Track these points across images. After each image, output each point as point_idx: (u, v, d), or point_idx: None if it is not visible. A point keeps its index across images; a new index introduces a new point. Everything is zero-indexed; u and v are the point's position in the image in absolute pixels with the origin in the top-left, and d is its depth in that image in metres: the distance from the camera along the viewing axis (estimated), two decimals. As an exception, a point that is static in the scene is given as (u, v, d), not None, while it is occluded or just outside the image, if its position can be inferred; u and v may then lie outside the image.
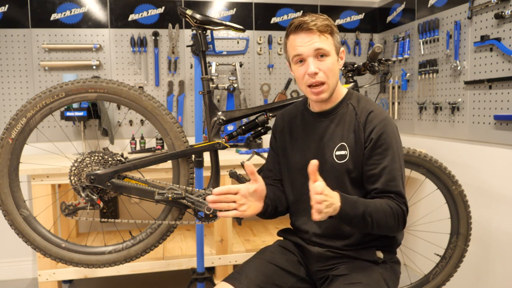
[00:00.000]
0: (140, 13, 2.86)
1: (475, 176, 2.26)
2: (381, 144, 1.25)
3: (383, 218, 1.20)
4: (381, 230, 1.23)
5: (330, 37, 1.26)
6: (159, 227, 1.65)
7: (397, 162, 1.26)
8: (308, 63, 1.25)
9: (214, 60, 2.95)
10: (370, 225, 1.19)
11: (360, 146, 1.28)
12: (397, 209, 1.23)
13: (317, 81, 1.25)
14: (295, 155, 1.40)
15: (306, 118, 1.40)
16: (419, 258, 2.57)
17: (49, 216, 2.14)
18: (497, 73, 2.11)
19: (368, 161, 1.27)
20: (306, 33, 1.24)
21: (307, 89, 1.29)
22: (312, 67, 1.24)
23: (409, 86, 2.85)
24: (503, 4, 2.05)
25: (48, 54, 2.76)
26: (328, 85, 1.27)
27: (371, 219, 1.18)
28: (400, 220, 1.24)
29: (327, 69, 1.25)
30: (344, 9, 3.16)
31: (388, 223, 1.21)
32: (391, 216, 1.21)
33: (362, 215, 1.17)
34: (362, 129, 1.28)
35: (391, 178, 1.25)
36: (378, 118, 1.27)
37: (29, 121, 1.51)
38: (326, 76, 1.25)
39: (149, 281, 2.75)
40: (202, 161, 1.94)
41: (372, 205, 1.20)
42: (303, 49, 1.25)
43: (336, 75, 1.28)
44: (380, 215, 1.20)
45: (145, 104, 1.56)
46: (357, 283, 1.22)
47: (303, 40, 1.24)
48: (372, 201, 1.22)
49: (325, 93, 1.28)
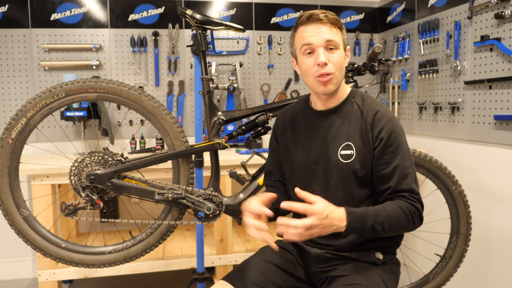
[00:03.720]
0: (140, 13, 2.86)
1: (475, 176, 2.26)
2: (392, 143, 1.24)
3: (396, 222, 1.20)
4: (397, 232, 1.25)
5: (339, 32, 1.27)
6: (159, 227, 1.65)
7: (408, 160, 1.26)
8: (319, 53, 1.23)
9: (214, 60, 2.95)
10: (383, 232, 1.19)
11: (368, 146, 1.26)
12: (411, 208, 1.22)
13: (327, 72, 1.23)
14: (298, 154, 1.38)
15: (309, 116, 1.38)
16: (419, 258, 2.57)
17: (49, 216, 2.14)
18: (497, 73, 2.11)
19: (379, 161, 1.25)
20: (317, 24, 1.24)
21: (314, 80, 1.26)
22: (323, 57, 1.22)
23: (409, 86, 2.85)
24: (503, 4, 2.05)
25: (48, 54, 2.76)
26: (335, 76, 1.25)
27: (383, 227, 1.18)
28: (415, 218, 1.23)
29: (336, 61, 1.24)
30: (344, 9, 3.16)
31: (402, 225, 1.21)
32: (404, 218, 1.20)
33: (372, 227, 1.17)
34: (370, 128, 1.26)
35: (404, 176, 1.24)
36: (386, 117, 1.27)
37: (29, 121, 1.51)
38: (335, 68, 1.24)
39: (149, 281, 2.75)
40: (202, 161, 1.94)
41: (383, 213, 1.19)
42: (314, 39, 1.23)
43: (343, 70, 1.28)
44: (393, 220, 1.19)
45: (145, 104, 1.56)
46: (356, 284, 1.22)
47: (314, 30, 1.24)
48: (383, 207, 1.21)
49: (332, 84, 1.25)
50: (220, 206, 1.61)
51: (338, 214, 1.14)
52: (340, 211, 1.14)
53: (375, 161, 1.26)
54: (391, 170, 1.24)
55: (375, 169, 1.26)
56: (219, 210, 1.61)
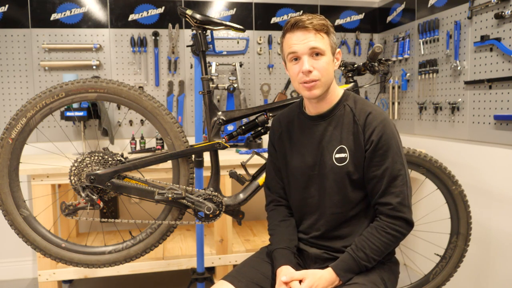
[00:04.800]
0: (140, 13, 2.86)
1: (475, 176, 2.26)
2: (382, 146, 1.26)
3: (386, 249, 1.28)
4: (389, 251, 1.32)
5: (326, 37, 1.26)
6: (159, 227, 1.65)
7: (398, 162, 1.27)
8: (303, 61, 1.24)
9: (214, 60, 2.95)
10: (375, 262, 1.28)
11: (360, 148, 1.28)
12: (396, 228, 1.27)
13: (311, 79, 1.25)
14: (294, 160, 1.39)
15: (303, 121, 1.39)
16: (419, 258, 2.57)
17: (49, 216, 2.14)
18: (497, 73, 2.11)
19: (370, 163, 1.27)
20: (302, 31, 1.24)
21: (299, 86, 1.28)
22: (307, 65, 1.23)
23: (409, 86, 2.85)
24: (503, 4, 2.05)
25: (48, 54, 2.76)
26: (321, 81, 1.26)
27: (374, 260, 1.27)
28: (402, 235, 1.29)
29: (321, 68, 1.25)
30: (344, 9, 3.16)
31: (390, 248, 1.29)
32: (392, 242, 1.28)
33: (365, 266, 1.26)
34: (362, 131, 1.27)
35: (393, 178, 1.25)
36: (377, 119, 1.27)
37: (29, 121, 1.51)
38: (320, 75, 1.25)
39: (149, 281, 2.75)
40: (202, 161, 1.94)
41: (371, 248, 1.26)
42: (298, 47, 1.25)
43: (330, 75, 1.28)
44: (382, 249, 1.27)
45: (145, 104, 1.56)
46: (354, 284, 1.23)
47: (298, 38, 1.24)
48: (370, 241, 1.26)
49: (317, 89, 1.26)
50: (220, 206, 1.61)
51: (326, 279, 1.23)
52: (327, 276, 1.23)
53: (366, 163, 1.28)
54: (381, 172, 1.26)
55: (366, 171, 1.28)
56: (219, 210, 1.61)
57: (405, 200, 1.26)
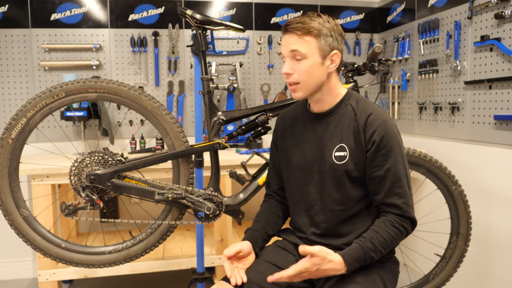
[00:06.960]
0: (140, 13, 2.86)
1: (475, 176, 2.26)
2: (384, 146, 1.26)
3: (391, 243, 1.27)
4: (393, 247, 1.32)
5: (312, 40, 1.24)
6: (159, 227, 1.65)
7: (401, 163, 1.28)
8: (285, 63, 1.30)
9: (214, 60, 2.95)
10: (380, 255, 1.26)
11: (361, 148, 1.28)
12: (402, 224, 1.27)
13: (290, 81, 1.29)
14: (295, 155, 1.40)
15: (306, 118, 1.41)
16: (419, 258, 2.57)
17: (49, 216, 2.14)
18: (497, 73, 2.11)
19: (371, 163, 1.27)
20: (287, 34, 1.28)
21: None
22: (286, 68, 1.28)
23: (409, 86, 2.85)
24: (503, 4, 2.05)
25: (48, 54, 2.76)
26: (303, 84, 1.28)
27: (381, 252, 1.26)
28: (406, 233, 1.29)
29: (301, 71, 1.26)
30: (344, 9, 3.16)
31: (397, 241, 1.29)
32: (398, 234, 1.27)
33: (372, 258, 1.24)
34: (362, 131, 1.28)
35: (397, 179, 1.26)
36: (378, 120, 1.27)
37: (29, 121, 1.51)
38: (300, 78, 1.27)
39: (149, 281, 2.75)
40: (202, 161, 1.94)
41: (379, 239, 1.24)
42: (283, 49, 1.30)
43: (314, 77, 1.27)
44: (388, 243, 1.26)
45: (145, 104, 1.56)
46: (354, 282, 1.23)
47: (284, 40, 1.29)
48: (378, 233, 1.25)
49: (299, 92, 1.30)
50: (220, 206, 1.61)
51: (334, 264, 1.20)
52: (336, 257, 1.20)
53: (368, 164, 1.28)
54: (383, 172, 1.26)
55: (368, 171, 1.29)
56: (219, 210, 1.61)
57: (409, 201, 1.28)
